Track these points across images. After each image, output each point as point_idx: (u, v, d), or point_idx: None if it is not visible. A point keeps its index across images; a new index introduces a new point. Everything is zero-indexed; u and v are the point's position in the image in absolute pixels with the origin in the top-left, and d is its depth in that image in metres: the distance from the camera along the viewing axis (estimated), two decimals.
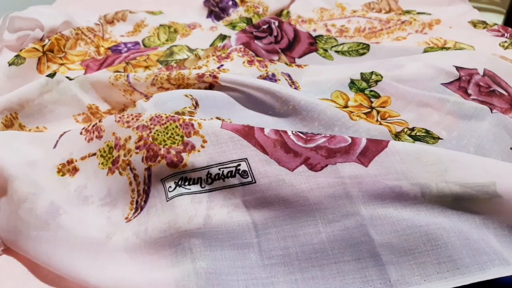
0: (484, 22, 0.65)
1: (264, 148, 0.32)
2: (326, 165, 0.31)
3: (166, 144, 0.34)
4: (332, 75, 0.49)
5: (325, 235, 0.29)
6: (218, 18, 0.72)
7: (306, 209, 0.30)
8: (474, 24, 0.65)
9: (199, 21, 0.71)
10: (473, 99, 0.43)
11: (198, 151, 0.33)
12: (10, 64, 0.51)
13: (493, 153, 0.37)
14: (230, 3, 0.72)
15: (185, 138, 0.34)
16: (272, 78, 0.47)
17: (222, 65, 0.47)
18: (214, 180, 0.32)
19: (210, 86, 0.44)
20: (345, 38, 0.60)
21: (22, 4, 0.66)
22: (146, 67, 0.55)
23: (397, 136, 0.39)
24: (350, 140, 0.32)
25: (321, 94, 0.46)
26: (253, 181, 0.31)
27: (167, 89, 0.45)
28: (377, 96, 0.46)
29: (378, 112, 0.43)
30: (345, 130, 0.38)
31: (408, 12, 0.71)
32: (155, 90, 0.45)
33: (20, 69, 0.51)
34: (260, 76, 0.47)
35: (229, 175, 0.32)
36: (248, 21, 0.66)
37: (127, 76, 0.46)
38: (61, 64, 0.56)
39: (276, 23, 0.58)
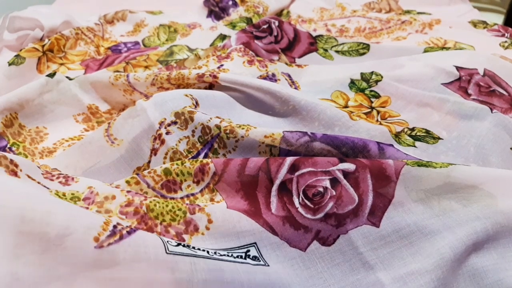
0: (484, 22, 0.64)
1: (273, 228, 0.31)
2: (338, 236, 0.30)
3: (164, 220, 0.30)
4: (332, 75, 0.49)
5: None
6: (218, 18, 0.72)
7: None
8: (474, 24, 0.65)
9: (199, 21, 0.71)
10: (473, 99, 0.43)
11: (202, 233, 0.30)
12: (10, 64, 0.51)
13: (493, 153, 0.37)
14: (230, 2, 0.72)
15: (188, 215, 0.30)
16: (272, 78, 0.47)
17: (222, 65, 0.47)
18: (222, 256, 0.28)
19: (210, 86, 0.44)
20: (345, 38, 0.60)
21: (22, 4, 0.66)
22: (146, 67, 0.55)
23: (397, 136, 0.39)
24: (357, 199, 0.31)
25: (321, 94, 0.46)
26: (267, 265, 0.29)
27: (167, 89, 0.45)
28: (377, 96, 0.45)
29: (378, 112, 0.43)
30: (345, 130, 0.38)
31: (408, 12, 0.71)
32: (155, 90, 0.45)
33: (20, 69, 0.51)
34: (260, 76, 0.47)
35: (238, 257, 0.28)
36: (248, 21, 0.66)
37: (127, 76, 0.46)
38: (61, 64, 0.56)
39: (276, 23, 0.58)
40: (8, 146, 0.41)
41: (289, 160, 0.33)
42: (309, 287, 0.28)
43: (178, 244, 0.26)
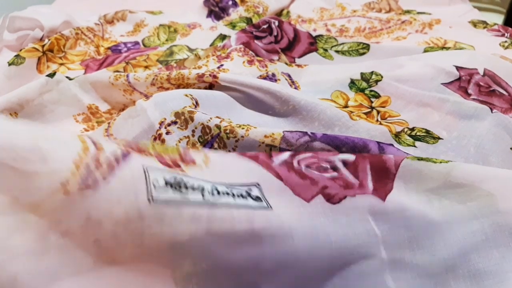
0: (484, 22, 0.64)
1: (277, 173, 0.28)
2: (345, 197, 0.29)
3: (155, 150, 0.26)
4: (332, 75, 0.49)
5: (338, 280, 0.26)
6: (218, 17, 0.72)
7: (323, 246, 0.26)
8: (474, 24, 0.65)
9: (199, 21, 0.71)
10: (473, 99, 0.43)
11: (200, 166, 0.26)
12: (10, 64, 0.51)
13: (493, 153, 0.37)
14: (230, 2, 0.72)
15: (181, 151, 0.27)
16: (272, 78, 0.47)
17: (222, 65, 0.47)
18: (221, 194, 0.24)
19: (210, 86, 0.44)
20: (345, 38, 0.60)
21: (22, 4, 0.66)
22: (146, 67, 0.55)
23: (397, 136, 0.39)
24: (357, 184, 0.30)
25: (321, 94, 0.46)
26: (270, 207, 0.25)
27: (167, 89, 0.45)
28: (377, 96, 0.45)
29: (378, 112, 0.43)
30: (345, 130, 0.38)
31: (408, 12, 0.71)
32: (155, 90, 0.45)
33: (20, 69, 0.51)
34: (260, 76, 0.47)
35: (239, 196, 0.25)
36: (248, 20, 0.66)
37: (127, 76, 0.46)
38: (61, 64, 0.56)
39: (276, 23, 0.58)
40: None
41: (289, 152, 0.32)
42: (311, 237, 0.26)
43: (167, 185, 0.22)
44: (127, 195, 0.21)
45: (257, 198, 0.26)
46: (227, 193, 0.24)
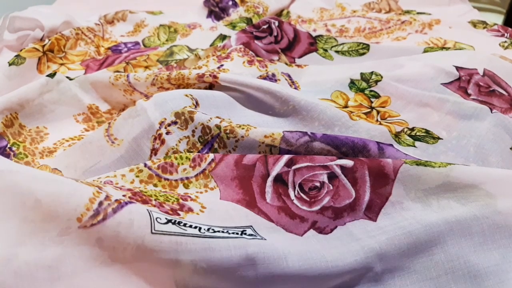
0: (484, 22, 0.65)
1: (268, 216, 0.31)
2: (336, 227, 0.30)
3: (158, 199, 0.29)
4: (332, 75, 0.49)
5: None
6: (218, 18, 0.72)
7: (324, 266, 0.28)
8: (474, 24, 0.65)
9: (199, 21, 0.71)
10: (473, 99, 0.43)
11: (197, 213, 0.29)
12: (10, 64, 0.51)
13: (493, 153, 0.37)
14: (230, 3, 0.72)
15: (180, 201, 0.30)
16: (272, 78, 0.47)
17: (222, 65, 0.47)
18: (216, 232, 0.26)
19: (210, 86, 0.44)
20: (345, 38, 0.60)
21: (22, 4, 0.66)
22: (146, 67, 0.55)
23: (397, 136, 0.39)
24: (354, 194, 0.31)
25: (321, 94, 0.46)
26: (264, 239, 0.28)
27: (167, 89, 0.45)
28: (377, 96, 0.46)
29: (378, 112, 0.43)
30: (345, 130, 0.39)
31: (408, 12, 0.71)
32: (155, 90, 0.45)
33: (20, 69, 0.51)
34: (260, 76, 0.47)
35: (234, 233, 0.27)
36: (248, 21, 0.66)
37: (127, 76, 0.46)
38: (61, 64, 0.56)
39: (276, 23, 0.58)
40: (9, 146, 0.41)
41: (287, 155, 0.33)
42: (306, 260, 0.27)
43: (168, 222, 0.25)
44: (131, 225, 0.23)
45: (251, 235, 0.28)
46: (222, 231, 0.27)
